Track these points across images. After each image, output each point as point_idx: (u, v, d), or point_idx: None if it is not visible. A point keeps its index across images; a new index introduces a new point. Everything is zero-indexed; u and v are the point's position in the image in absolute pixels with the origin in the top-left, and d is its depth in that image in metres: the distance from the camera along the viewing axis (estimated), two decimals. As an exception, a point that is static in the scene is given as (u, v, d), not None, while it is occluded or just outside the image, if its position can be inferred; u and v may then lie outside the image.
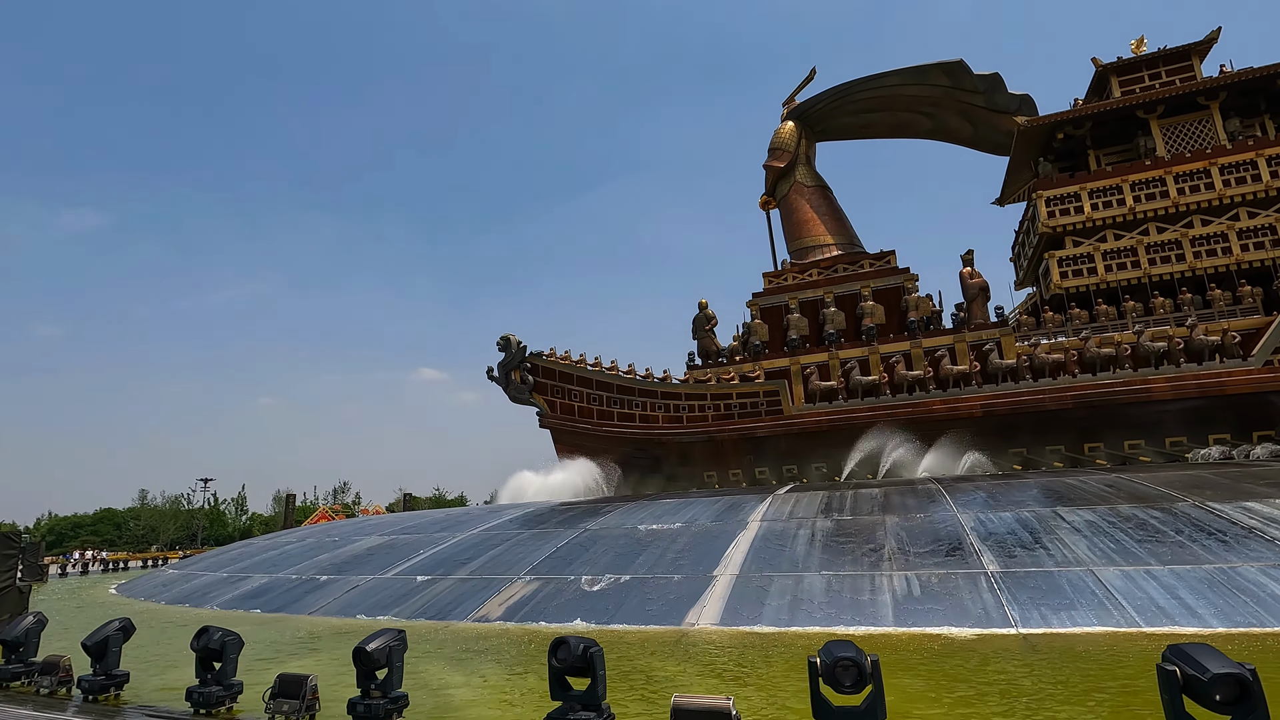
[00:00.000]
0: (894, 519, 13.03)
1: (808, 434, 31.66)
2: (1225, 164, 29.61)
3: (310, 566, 17.06)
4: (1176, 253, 29.87)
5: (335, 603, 13.82)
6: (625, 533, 14.76)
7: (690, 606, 10.59)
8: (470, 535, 16.99)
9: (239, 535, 79.04)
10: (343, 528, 22.74)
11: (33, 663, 8.88)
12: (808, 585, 10.66)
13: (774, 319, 35.97)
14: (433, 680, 7.88)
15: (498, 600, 12.19)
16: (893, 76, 37.03)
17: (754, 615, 9.99)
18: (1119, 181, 31.10)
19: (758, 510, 14.93)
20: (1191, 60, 33.03)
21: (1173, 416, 26.44)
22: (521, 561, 13.97)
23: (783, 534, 13.08)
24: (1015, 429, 28.27)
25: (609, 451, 35.02)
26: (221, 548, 30.17)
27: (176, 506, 76.68)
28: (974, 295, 32.18)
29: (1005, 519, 12.20)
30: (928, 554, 11.13)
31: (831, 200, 39.59)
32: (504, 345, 37.49)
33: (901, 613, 9.43)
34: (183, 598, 17.35)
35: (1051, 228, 31.97)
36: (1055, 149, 34.53)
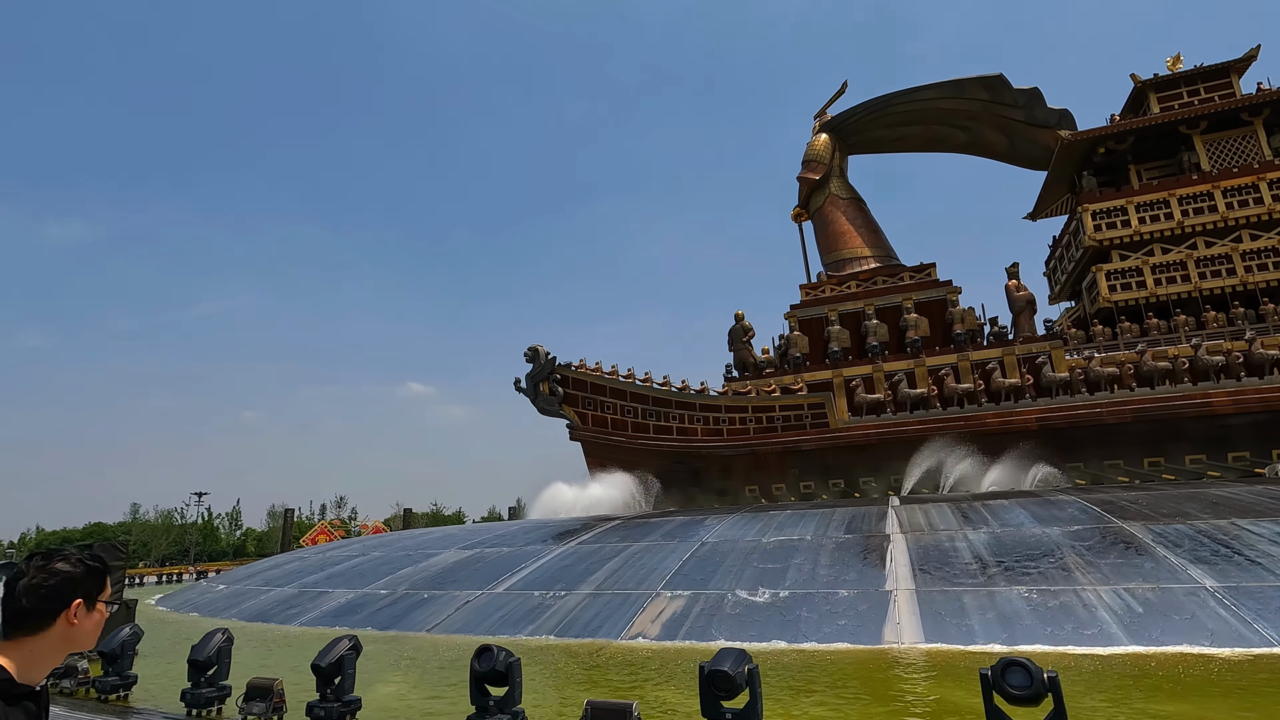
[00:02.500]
0: (1057, 530, 12.41)
1: (855, 447, 31.05)
2: (1275, 179, 29.75)
3: (398, 581, 16.02)
4: (1227, 267, 29.89)
5: (451, 620, 12.85)
6: (750, 545, 13.97)
7: (882, 623, 9.84)
8: (569, 548, 16.08)
9: (233, 551, 76.65)
10: (408, 541, 21.65)
11: (224, 685, 7.93)
12: (1003, 600, 9.95)
13: (813, 331, 35.46)
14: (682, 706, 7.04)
15: (647, 617, 11.33)
16: (929, 90, 37.01)
17: (962, 633, 9.27)
18: (1166, 196, 31.15)
19: (892, 522, 14.23)
20: (1230, 77, 33.35)
21: (1235, 431, 26.20)
22: (651, 576, 13.11)
23: (940, 547, 12.37)
24: (1072, 443, 27.89)
25: (644, 464, 34.10)
26: (254, 563, 28.77)
27: (169, 521, 74.11)
28: (1021, 308, 31.93)
29: (1182, 530, 11.63)
30: (1123, 566, 10.50)
31: (866, 212, 39.38)
32: (532, 356, 36.55)
33: (1132, 630, 8.75)
34: (259, 615, 16.21)
35: (1098, 241, 31.90)
36: (1095, 164, 34.61)
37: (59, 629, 1.94)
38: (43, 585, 1.94)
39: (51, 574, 1.96)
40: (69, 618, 1.96)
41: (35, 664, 1.91)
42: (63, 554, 2.04)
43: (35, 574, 1.95)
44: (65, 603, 1.95)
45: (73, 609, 1.96)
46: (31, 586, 1.93)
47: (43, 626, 1.92)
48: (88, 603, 2.00)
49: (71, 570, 2.00)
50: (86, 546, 12.92)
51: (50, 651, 1.95)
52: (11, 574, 1.99)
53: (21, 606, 1.91)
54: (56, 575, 1.96)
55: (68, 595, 1.97)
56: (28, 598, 1.92)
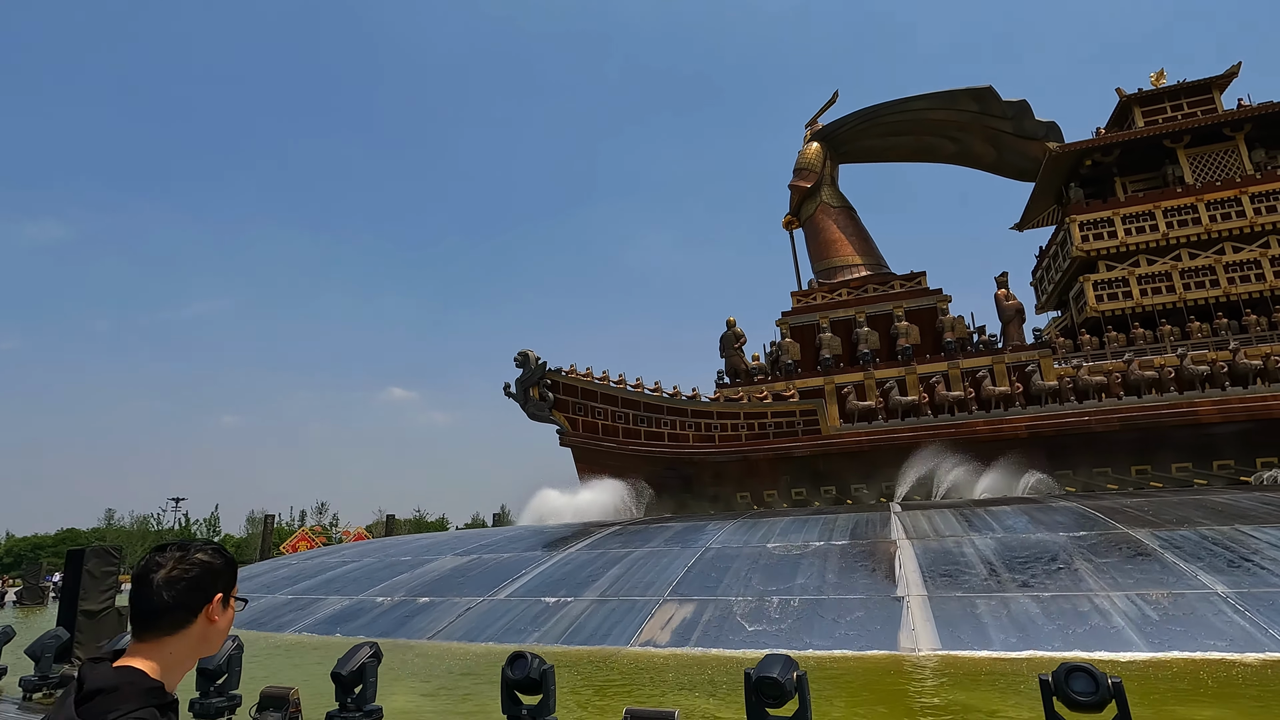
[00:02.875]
0: (1063, 536, 12.45)
1: (847, 454, 31.16)
2: (1256, 193, 30.38)
3: (395, 588, 15.72)
4: (1210, 278, 30.45)
5: (454, 627, 12.61)
6: (755, 551, 13.87)
7: (897, 629, 9.78)
8: (570, 554, 15.88)
9: (210, 558, 75.25)
10: (402, 546, 21.28)
11: (234, 695, 7.67)
12: (1017, 606, 9.94)
13: (804, 338, 35.60)
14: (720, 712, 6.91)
15: (656, 623, 11.19)
16: (920, 100, 37.43)
17: (979, 639, 9.23)
18: (1151, 208, 31.70)
19: (896, 528, 14.22)
20: (1212, 93, 34.07)
21: (1220, 439, 26.62)
22: (656, 582, 12.96)
23: (948, 553, 12.36)
24: (1062, 451, 28.19)
25: (635, 471, 33.96)
26: (242, 568, 28.16)
27: (145, 527, 72.55)
28: (1010, 317, 32.31)
29: (1188, 536, 11.72)
30: (1133, 572, 10.54)
31: (857, 221, 39.68)
32: (522, 361, 36.33)
33: (1149, 636, 8.76)
34: (250, 622, 15.80)
35: (1085, 251, 32.37)
36: (1082, 175, 35.17)
37: (198, 627, 1.76)
38: (184, 577, 1.74)
39: (192, 564, 1.78)
40: (210, 614, 1.78)
41: (175, 668, 1.73)
42: (196, 544, 1.86)
43: (175, 565, 1.76)
44: (208, 596, 1.78)
45: (214, 604, 1.79)
46: (172, 578, 1.73)
47: (183, 624, 1.73)
48: (226, 598, 1.84)
49: (212, 560, 1.82)
50: (81, 550, 12.50)
51: (188, 653, 1.76)
52: (144, 570, 1.77)
53: (162, 601, 1.71)
54: (197, 566, 1.78)
55: (210, 588, 1.79)
56: (169, 590, 1.71)
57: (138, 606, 1.72)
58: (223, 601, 1.81)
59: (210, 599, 1.78)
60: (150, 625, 1.71)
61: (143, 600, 1.72)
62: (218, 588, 1.81)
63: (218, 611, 1.80)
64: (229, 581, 1.86)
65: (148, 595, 1.72)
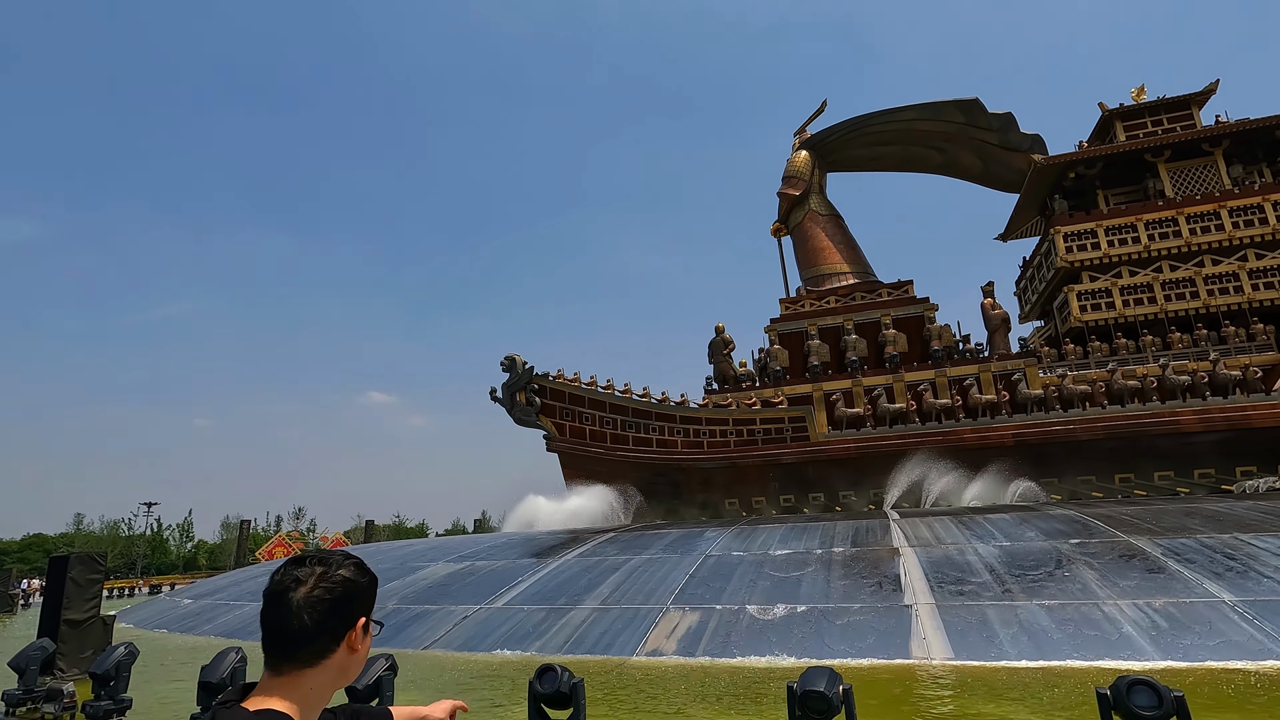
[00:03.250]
0: (1065, 544, 12.50)
1: (836, 461, 31.26)
2: (1234, 207, 31.07)
3: (386, 595, 15.36)
4: (1190, 290, 31.04)
5: (451, 636, 12.33)
6: (757, 558, 13.76)
7: (908, 638, 9.71)
8: (566, 561, 15.65)
9: (183, 564, 73.61)
10: (390, 553, 20.90)
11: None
12: (1027, 614, 9.93)
13: (793, 345, 35.69)
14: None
15: (661, 632, 11.02)
16: (908, 111, 37.81)
17: (991, 648, 9.18)
18: (1134, 220, 32.27)
19: (897, 535, 14.18)
20: (1191, 109, 34.83)
21: (1202, 448, 27.08)
22: (658, 590, 12.79)
23: (952, 560, 12.35)
24: (1047, 458, 28.48)
25: (623, 477, 33.76)
26: (221, 576, 27.49)
27: (115, 532, 70.76)
28: (996, 326, 32.65)
29: (1189, 544, 11.82)
30: (1139, 580, 10.58)
31: (845, 229, 39.94)
32: (509, 365, 36.02)
33: (1160, 644, 8.78)
34: (236, 631, 15.39)
35: (1069, 262, 32.86)
36: (1065, 188, 35.72)
37: (339, 658, 1.50)
38: (327, 597, 1.49)
39: (335, 582, 1.52)
40: (352, 642, 1.52)
41: (315, 707, 1.48)
42: (336, 556, 1.61)
43: (316, 582, 1.50)
44: (351, 621, 1.52)
45: (357, 629, 1.53)
46: (314, 599, 1.47)
47: (325, 653, 1.47)
48: (367, 622, 1.59)
49: (355, 578, 1.57)
50: (64, 556, 12.04)
51: (328, 689, 1.51)
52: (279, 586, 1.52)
53: (302, 626, 1.45)
54: (341, 584, 1.53)
55: (354, 611, 1.54)
56: (311, 612, 1.46)
57: (274, 632, 1.48)
58: (364, 627, 1.57)
59: (353, 624, 1.53)
60: (289, 655, 1.46)
61: (280, 624, 1.47)
62: (361, 610, 1.57)
63: (359, 639, 1.55)
64: (371, 602, 1.62)
65: (286, 618, 1.47)
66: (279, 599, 1.50)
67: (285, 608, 1.48)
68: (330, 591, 1.51)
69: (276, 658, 1.48)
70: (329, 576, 1.53)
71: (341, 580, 1.54)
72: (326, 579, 1.52)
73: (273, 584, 1.54)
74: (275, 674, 1.47)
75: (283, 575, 1.55)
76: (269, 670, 1.48)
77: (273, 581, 1.54)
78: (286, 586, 1.51)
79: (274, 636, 1.48)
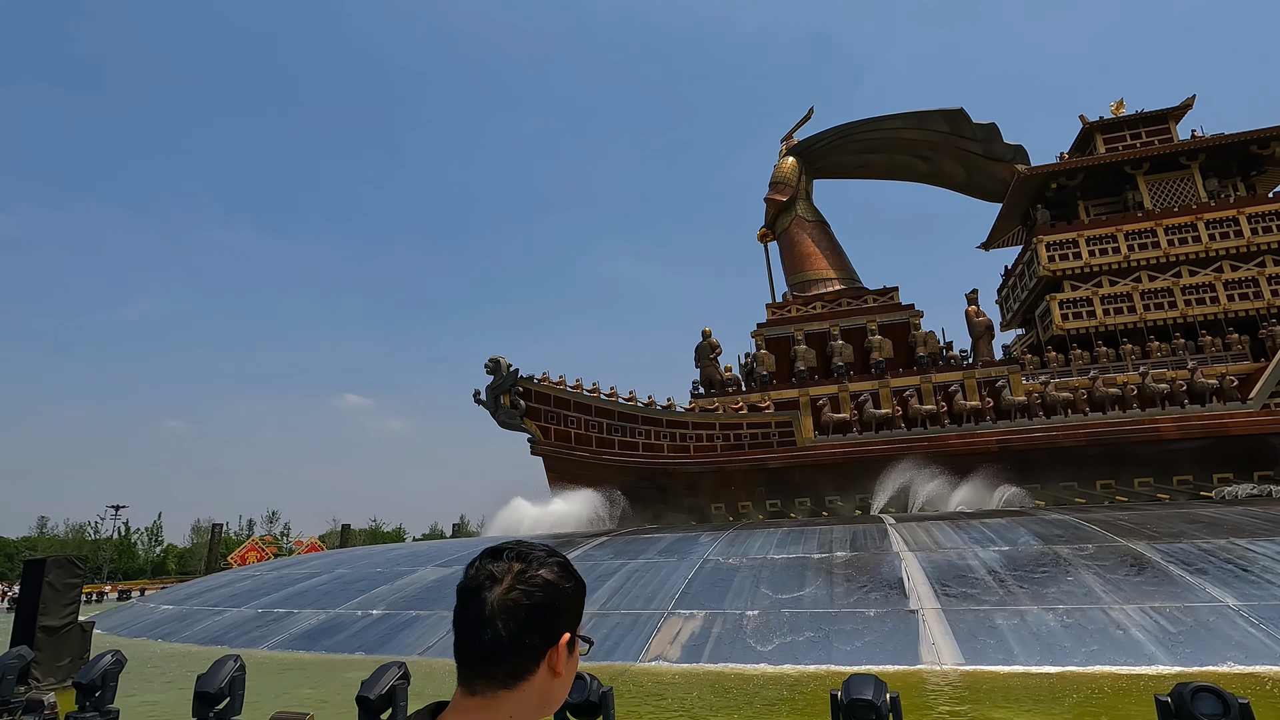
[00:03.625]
0: (1065, 549, 12.53)
1: (823, 466, 31.30)
2: (1210, 219, 31.75)
3: (374, 601, 14.98)
4: (1169, 300, 31.62)
5: (445, 642, 11.99)
6: (756, 563, 13.63)
7: (916, 643, 9.62)
8: (560, 566, 15.37)
9: (151, 568, 71.71)
10: (375, 557, 20.41)
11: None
12: (1034, 619, 9.90)
13: (779, 350, 35.74)
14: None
15: (664, 638, 10.82)
16: (895, 120, 38.16)
17: (1002, 653, 9.12)
18: (1114, 231, 32.83)
19: (896, 540, 14.14)
20: (1169, 123, 35.59)
21: (1180, 455, 27.54)
22: (658, 595, 12.59)
23: (954, 565, 12.33)
24: (1030, 464, 28.78)
25: (608, 481, 33.57)
26: (196, 581, 26.70)
27: (80, 536, 68.74)
28: (980, 333, 32.98)
29: (1187, 549, 11.91)
30: (1142, 585, 10.62)
31: (831, 236, 40.15)
32: (493, 368, 35.66)
33: (1171, 650, 8.78)
34: (216, 638, 14.90)
35: (1052, 271, 33.31)
36: (1047, 198, 36.26)
37: (540, 680, 1.23)
38: (524, 603, 1.22)
39: (534, 585, 1.24)
40: (554, 662, 1.25)
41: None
42: (537, 552, 1.33)
43: (513, 583, 1.24)
44: (554, 635, 1.25)
45: (561, 647, 1.26)
46: (509, 604, 1.22)
47: (523, 673, 1.21)
48: (573, 639, 1.30)
49: (559, 582, 1.28)
50: (41, 560, 11.48)
51: (528, 715, 1.24)
52: (472, 582, 1.26)
53: (495, 636, 1.20)
54: (541, 588, 1.25)
55: (558, 622, 1.26)
56: (507, 619, 1.20)
57: (466, 640, 1.23)
58: (569, 644, 1.28)
59: (556, 640, 1.25)
60: (484, 671, 1.22)
61: (472, 630, 1.23)
62: (567, 624, 1.28)
63: (563, 660, 1.27)
64: (578, 614, 1.33)
65: (478, 624, 1.22)
66: (472, 598, 1.25)
67: (477, 610, 1.23)
68: (529, 596, 1.23)
69: (470, 672, 1.24)
70: (528, 576, 1.26)
71: (542, 584, 1.26)
72: (525, 579, 1.25)
73: (466, 578, 1.29)
74: (469, 692, 1.23)
75: (477, 569, 1.29)
76: (462, 687, 1.24)
77: (466, 575, 1.30)
78: (480, 583, 1.26)
79: (466, 646, 1.24)
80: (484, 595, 1.24)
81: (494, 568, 1.28)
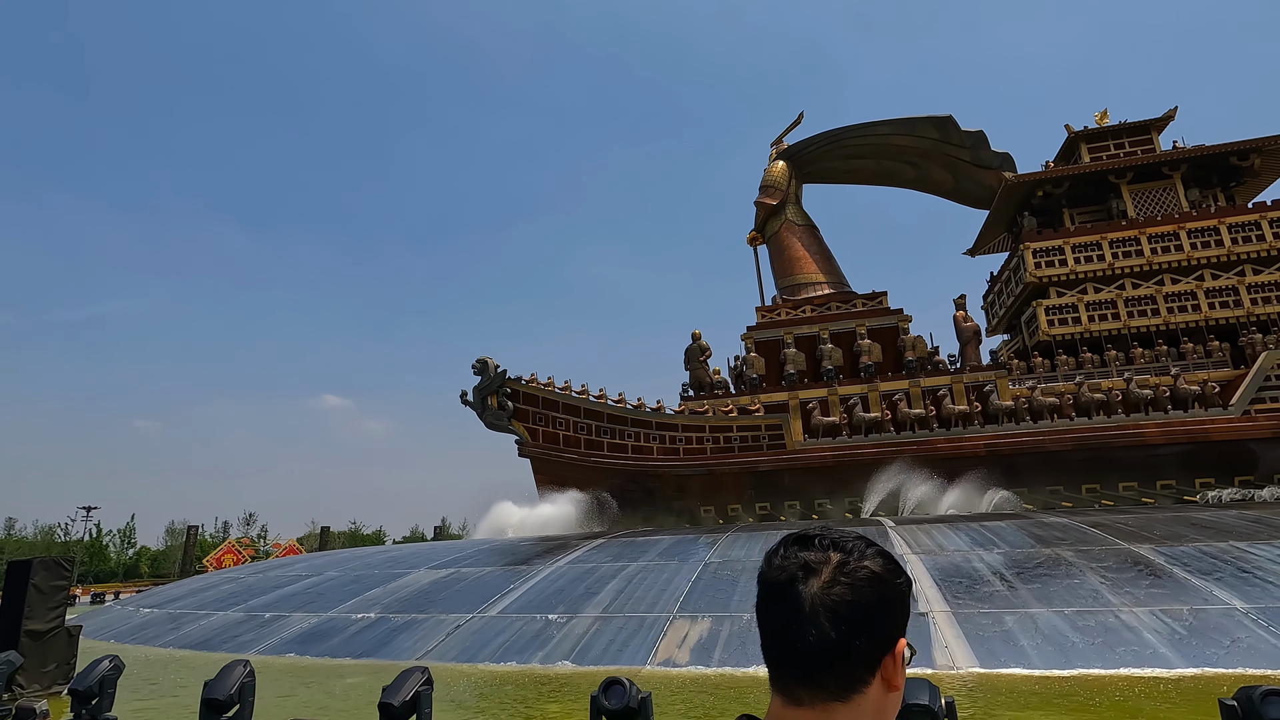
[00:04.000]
0: (1069, 552, 12.59)
1: (812, 469, 31.34)
2: (1192, 228, 32.33)
3: (368, 604, 14.67)
4: (1152, 307, 32.14)
5: (446, 646, 11.76)
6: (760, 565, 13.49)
7: (929, 645, 9.58)
8: (559, 568, 15.18)
9: (124, 571, 70.08)
10: (368, 559, 20.01)
11: None
12: (1045, 622, 9.90)
13: (769, 353, 35.78)
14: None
15: (672, 641, 10.68)
16: (884, 125, 38.46)
17: (1016, 656, 9.10)
18: (1099, 239, 33.32)
19: (898, 542, 14.13)
20: (1151, 134, 36.24)
21: (1164, 460, 27.96)
22: (662, 598, 12.44)
23: (959, 568, 12.32)
24: (1017, 468, 29.05)
25: (597, 483, 33.39)
26: (177, 584, 26.05)
27: (50, 538, 66.99)
28: (968, 338, 33.26)
29: (1189, 552, 12.01)
30: (1149, 588, 10.68)
31: (820, 240, 40.32)
32: (480, 369, 35.33)
33: (1183, 652, 8.81)
34: (203, 643, 14.48)
35: (1038, 277, 33.72)
36: (1033, 205, 36.73)
37: (874, 695, 1.04)
38: (851, 601, 1.04)
39: (860, 579, 1.06)
40: (889, 674, 1.06)
41: None
42: (853, 539, 1.13)
43: (834, 575, 1.06)
44: (888, 642, 1.06)
45: (897, 655, 1.07)
46: (833, 600, 1.03)
47: (855, 684, 1.03)
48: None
49: (888, 578, 1.09)
50: (26, 562, 11.03)
51: None
52: (781, 574, 1.09)
53: (825, 639, 1.01)
54: (868, 583, 1.06)
55: (890, 628, 1.07)
56: (835, 621, 1.02)
57: (786, 640, 1.05)
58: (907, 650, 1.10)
59: (891, 645, 1.06)
60: (810, 677, 1.03)
61: (795, 630, 1.04)
62: (899, 627, 1.09)
63: (900, 670, 1.08)
64: (907, 616, 1.12)
65: (798, 622, 1.03)
66: (784, 592, 1.08)
67: (794, 606, 1.05)
68: (855, 592, 1.05)
69: (790, 679, 1.05)
70: (850, 569, 1.07)
71: (869, 578, 1.07)
72: (848, 572, 1.06)
73: (771, 568, 1.12)
74: (792, 702, 1.04)
75: (783, 557, 1.12)
76: (782, 695, 1.06)
77: (770, 564, 1.13)
78: (793, 575, 1.08)
79: (785, 648, 1.05)
80: (799, 589, 1.06)
81: (808, 557, 1.10)
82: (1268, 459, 27.10)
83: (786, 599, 1.07)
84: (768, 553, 1.19)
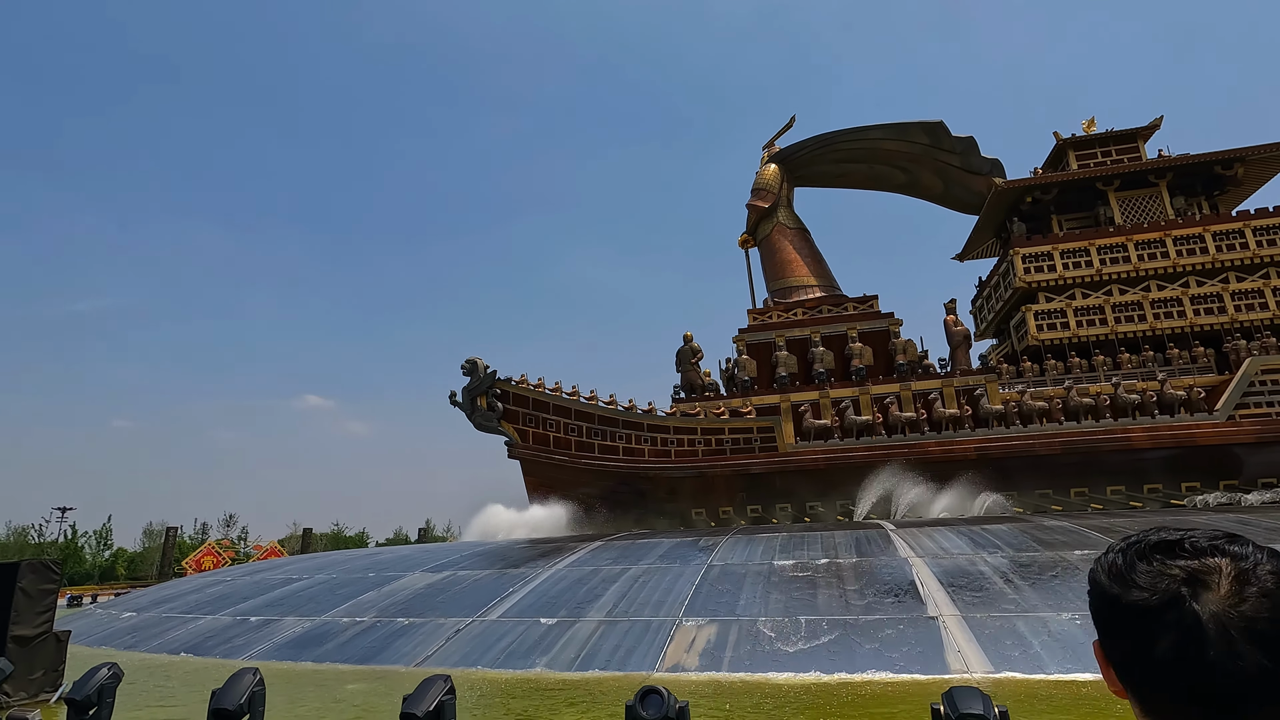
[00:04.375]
0: (1074, 554, 12.62)
1: (804, 472, 31.38)
2: (1178, 235, 32.80)
3: (362, 607, 14.36)
4: (1139, 313, 32.56)
5: (446, 651, 11.52)
6: (763, 569, 13.42)
7: (942, 650, 9.50)
8: (558, 571, 14.98)
9: (99, 573, 68.61)
10: (359, 562, 19.65)
11: None
12: (1058, 626, 9.87)
13: (760, 355, 35.80)
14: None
15: (680, 646, 10.53)
16: (876, 130, 38.65)
17: (1031, 661, 9.05)
18: (1087, 245, 33.71)
19: (901, 546, 14.09)
20: (1138, 142, 36.76)
21: (1151, 464, 28.29)
22: (666, 601, 12.29)
23: (965, 571, 12.30)
24: (1007, 472, 29.24)
25: (587, 485, 33.22)
26: (160, 586, 25.47)
27: (23, 539, 65.46)
28: (958, 342, 33.49)
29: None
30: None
31: (811, 243, 40.44)
32: (470, 369, 35.04)
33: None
34: (191, 647, 14.11)
35: (1027, 283, 34.04)
36: (1022, 211, 37.09)
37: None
38: (1270, 618, 0.87)
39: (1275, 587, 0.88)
40: None
41: None
42: (1242, 547, 0.96)
43: (1238, 587, 0.88)
44: None
45: None
46: (1251, 619, 0.86)
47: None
48: None
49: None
50: (14, 564, 10.65)
51: None
52: (1149, 587, 0.91)
53: (1261, 668, 0.84)
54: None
55: None
56: (1261, 646, 0.85)
57: (1195, 670, 0.86)
58: None
59: None
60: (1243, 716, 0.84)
61: (1224, 660, 0.85)
62: None
63: None
64: None
65: (1203, 645, 0.86)
66: (1172, 610, 0.89)
67: (1194, 627, 0.87)
68: (1276, 607, 0.87)
69: (1250, 708, 0.84)
70: (1260, 577, 0.89)
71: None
72: (1258, 582, 0.89)
73: (1138, 584, 0.94)
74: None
75: (1156, 569, 0.94)
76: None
77: (1129, 580, 0.95)
78: (1174, 592, 0.90)
79: (1199, 681, 0.86)
80: (1190, 607, 0.89)
81: (1189, 566, 0.92)
82: (1252, 463, 27.50)
83: (1186, 621, 0.89)
84: (1112, 565, 1.01)
